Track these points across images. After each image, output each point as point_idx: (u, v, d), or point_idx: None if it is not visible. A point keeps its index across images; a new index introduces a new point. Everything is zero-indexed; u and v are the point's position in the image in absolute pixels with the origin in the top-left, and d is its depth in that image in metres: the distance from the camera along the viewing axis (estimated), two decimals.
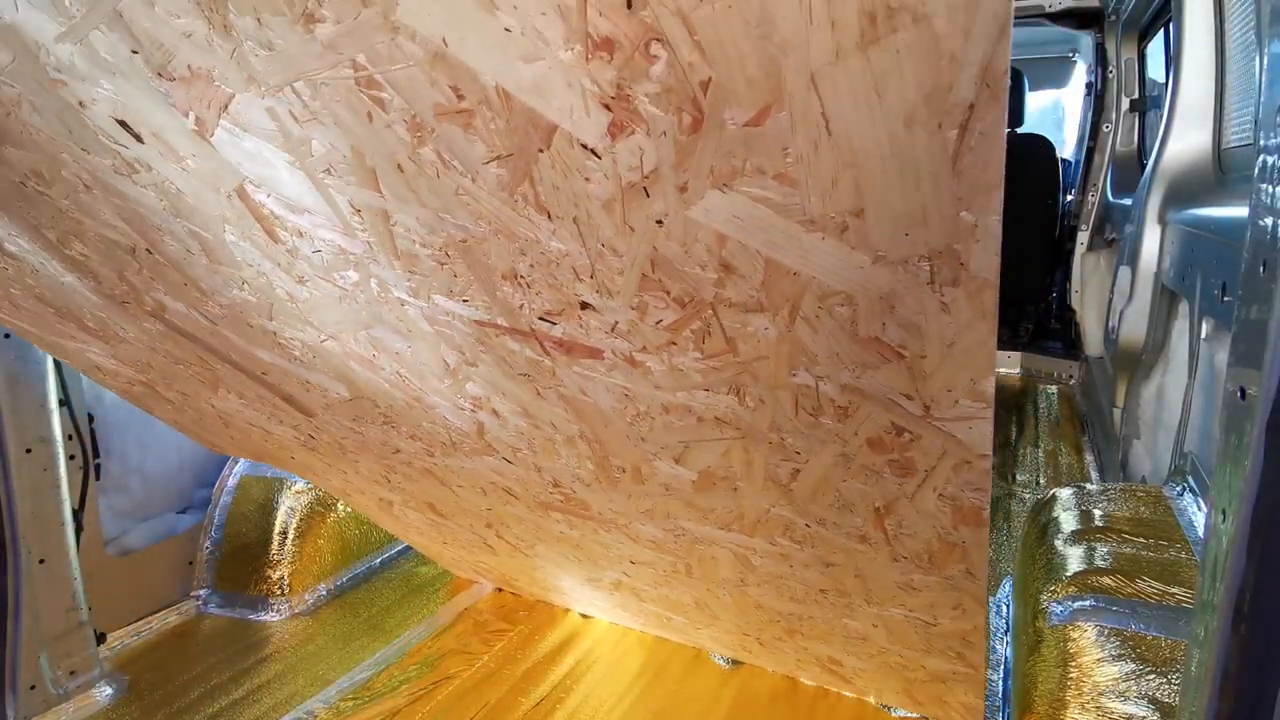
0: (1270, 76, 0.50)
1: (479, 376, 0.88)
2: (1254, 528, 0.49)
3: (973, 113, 0.44)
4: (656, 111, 0.50)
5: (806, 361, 0.68)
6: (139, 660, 1.71)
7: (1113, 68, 3.19)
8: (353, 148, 0.62)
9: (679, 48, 0.46)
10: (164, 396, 1.33)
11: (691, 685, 1.54)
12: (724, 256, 0.60)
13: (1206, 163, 1.93)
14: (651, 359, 0.75)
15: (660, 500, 1.03)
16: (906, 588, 1.00)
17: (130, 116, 0.66)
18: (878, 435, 0.74)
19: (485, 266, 0.70)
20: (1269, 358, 0.47)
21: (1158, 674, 0.98)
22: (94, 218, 0.82)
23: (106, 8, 0.56)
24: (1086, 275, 3.28)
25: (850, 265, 0.57)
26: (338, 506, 2.02)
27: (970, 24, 0.39)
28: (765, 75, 0.45)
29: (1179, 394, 1.65)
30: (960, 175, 0.48)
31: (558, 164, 0.56)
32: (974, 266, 0.54)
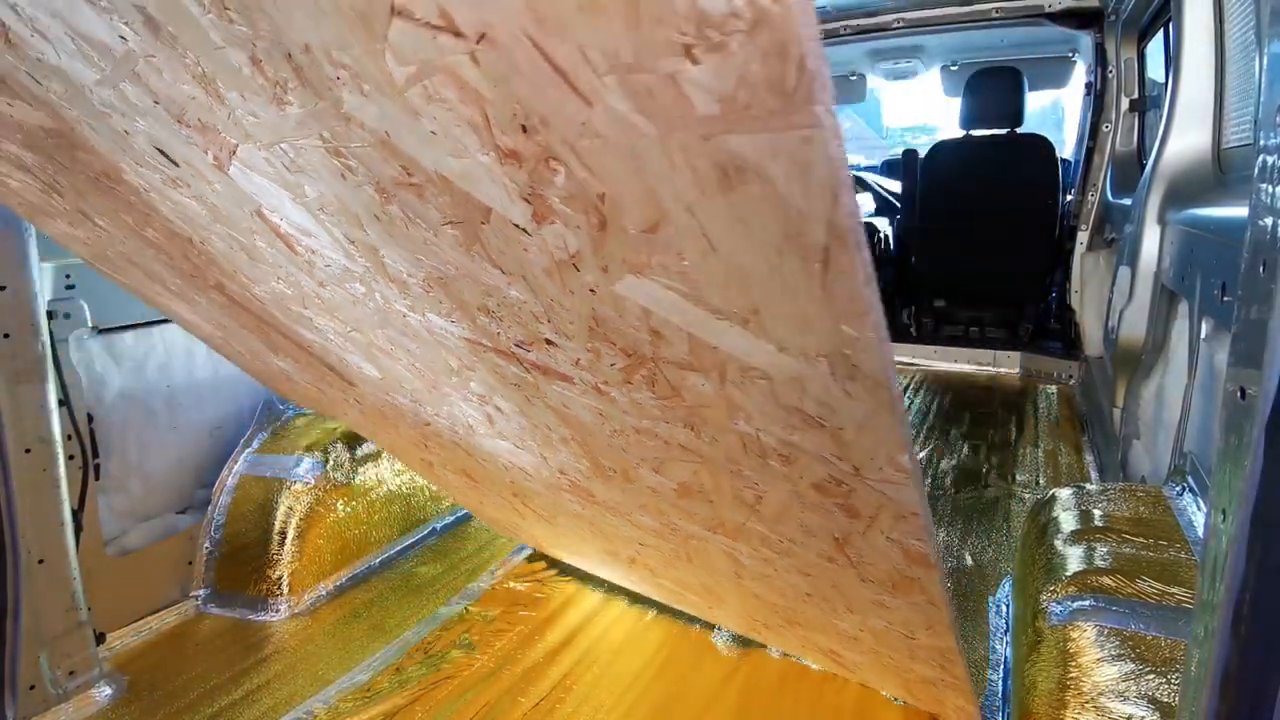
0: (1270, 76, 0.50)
1: (478, 379, 0.95)
2: (1254, 528, 0.49)
3: (828, 254, 0.47)
4: (568, 210, 0.55)
5: (744, 415, 0.73)
6: (139, 660, 1.71)
7: (1112, 68, 3.20)
8: (336, 196, 0.69)
9: (572, 167, 0.51)
10: (238, 350, 1.44)
11: (695, 681, 1.54)
12: (652, 325, 0.65)
13: (1206, 163, 1.93)
14: (614, 391, 0.80)
15: (650, 499, 1.08)
16: (879, 605, 1.02)
17: (165, 146, 0.74)
18: (819, 482, 0.78)
19: (462, 300, 0.76)
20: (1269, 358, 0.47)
21: (1157, 674, 0.98)
22: (156, 212, 0.91)
23: (125, 70, 0.64)
24: (1086, 275, 3.29)
25: (758, 350, 0.61)
26: (338, 506, 2.02)
27: (807, 187, 0.43)
28: (648, 198, 0.50)
29: (1179, 394, 1.65)
30: (830, 298, 0.50)
31: (498, 235, 0.62)
32: (866, 368, 0.56)
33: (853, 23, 3.78)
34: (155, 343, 1.88)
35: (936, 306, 4.29)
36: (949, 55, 4.43)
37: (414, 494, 2.25)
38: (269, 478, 1.99)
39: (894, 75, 4.74)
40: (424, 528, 2.26)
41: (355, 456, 2.11)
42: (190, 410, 1.99)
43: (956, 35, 3.92)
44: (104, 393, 1.78)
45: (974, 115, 3.83)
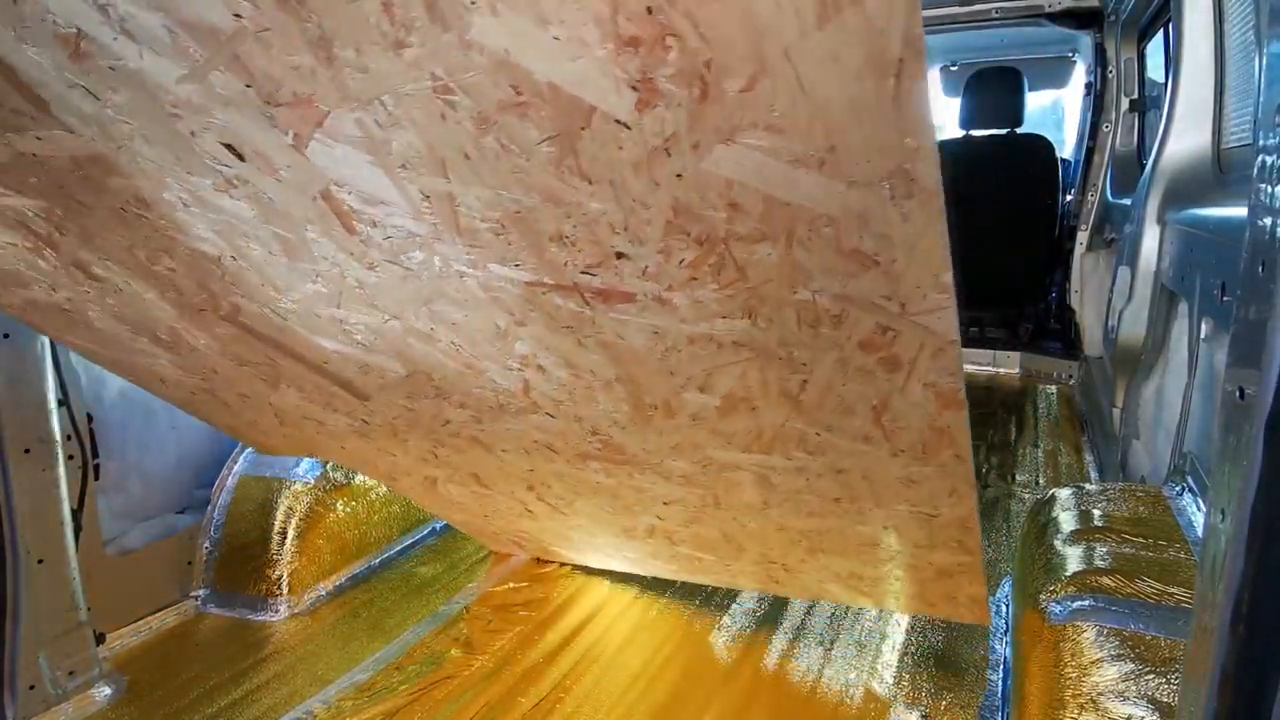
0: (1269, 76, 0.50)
1: (527, 335, 1.04)
2: (1253, 527, 0.49)
3: (902, 66, 0.58)
4: (673, 88, 0.64)
5: (804, 278, 0.83)
6: (138, 660, 1.71)
7: (1112, 68, 3.20)
8: (426, 144, 0.75)
9: (687, 39, 0.60)
10: (223, 401, 1.48)
11: (696, 681, 1.54)
12: (731, 197, 0.74)
13: (1206, 163, 1.93)
14: (677, 295, 0.90)
15: (689, 432, 1.18)
16: (907, 481, 1.15)
17: (236, 139, 0.79)
18: (867, 336, 0.89)
19: (535, 232, 0.84)
20: (1268, 358, 0.47)
21: (1157, 674, 0.98)
22: (187, 234, 0.96)
23: (226, 53, 0.69)
24: (1086, 275, 3.28)
25: (829, 192, 0.71)
26: (337, 506, 2.02)
27: (892, 6, 0.54)
28: (752, 52, 0.60)
29: (1178, 394, 1.65)
30: (900, 111, 0.61)
31: (596, 138, 0.70)
32: (921, 180, 0.68)
33: None
34: None
35: None
36: (949, 55, 4.43)
37: None
38: (269, 477, 1.99)
39: None
40: (424, 528, 2.26)
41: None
42: None
43: (956, 35, 3.92)
44: (103, 392, 1.78)
45: (974, 115, 3.83)
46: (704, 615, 1.79)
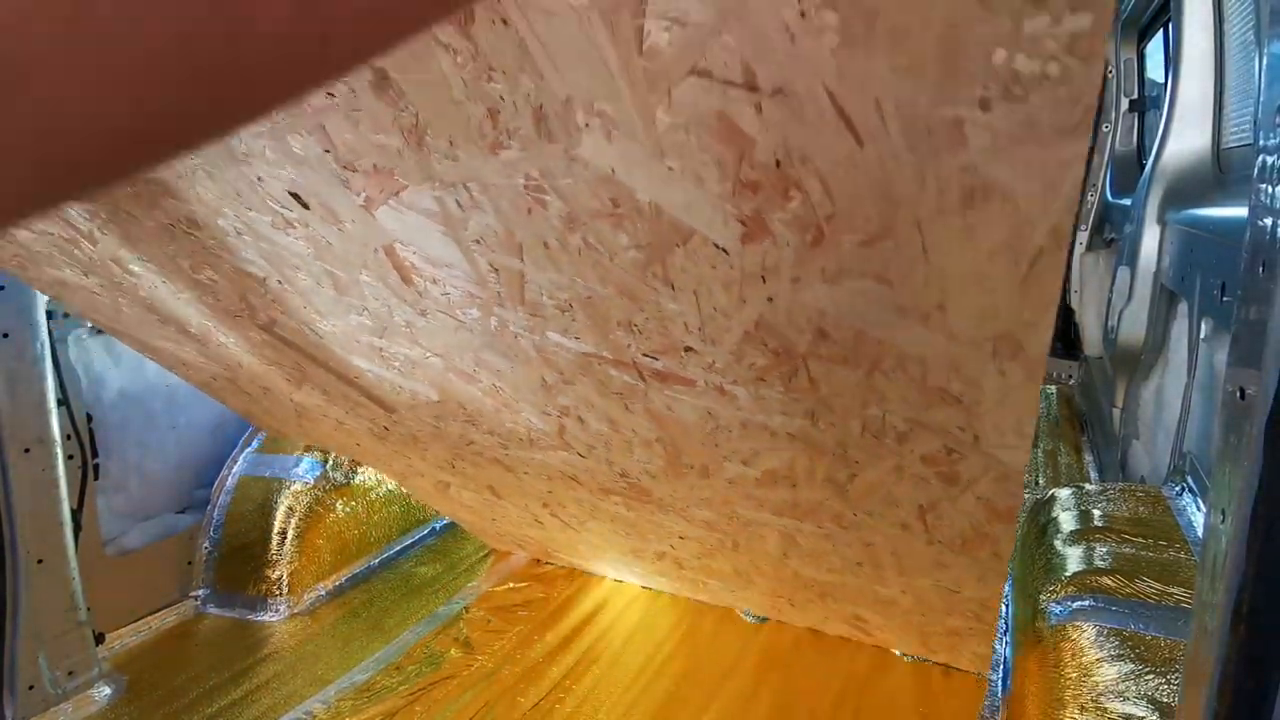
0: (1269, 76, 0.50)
1: (571, 393, 1.03)
2: (1253, 527, 0.49)
3: (1041, 253, 0.56)
4: (786, 232, 0.63)
5: (878, 400, 0.81)
6: (138, 660, 1.70)
7: (1112, 68, 3.19)
8: (506, 228, 0.75)
9: (812, 194, 0.59)
10: (244, 390, 1.49)
11: (693, 680, 1.54)
12: (821, 325, 0.73)
13: (1206, 163, 1.93)
14: (739, 389, 0.88)
15: (721, 491, 1.17)
16: (938, 565, 1.14)
17: (303, 190, 0.79)
18: (932, 453, 0.87)
19: (604, 317, 0.84)
20: (1268, 358, 0.47)
21: (1157, 674, 0.98)
22: (235, 255, 0.95)
23: (312, 122, 0.68)
24: (1086, 275, 3.28)
25: (928, 341, 0.70)
26: (337, 507, 2.02)
27: (1047, 202, 0.52)
28: (881, 216, 0.58)
29: (1178, 394, 1.65)
30: (1025, 292, 0.60)
31: (690, 255, 0.69)
32: (1030, 349, 0.66)
33: None
34: None
35: None
36: None
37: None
38: (268, 478, 1.99)
39: None
40: (423, 528, 2.26)
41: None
42: (189, 410, 1.99)
43: None
44: (103, 393, 1.77)
45: None
46: (704, 615, 1.79)
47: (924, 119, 0.50)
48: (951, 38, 0.45)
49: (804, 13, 0.46)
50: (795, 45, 0.48)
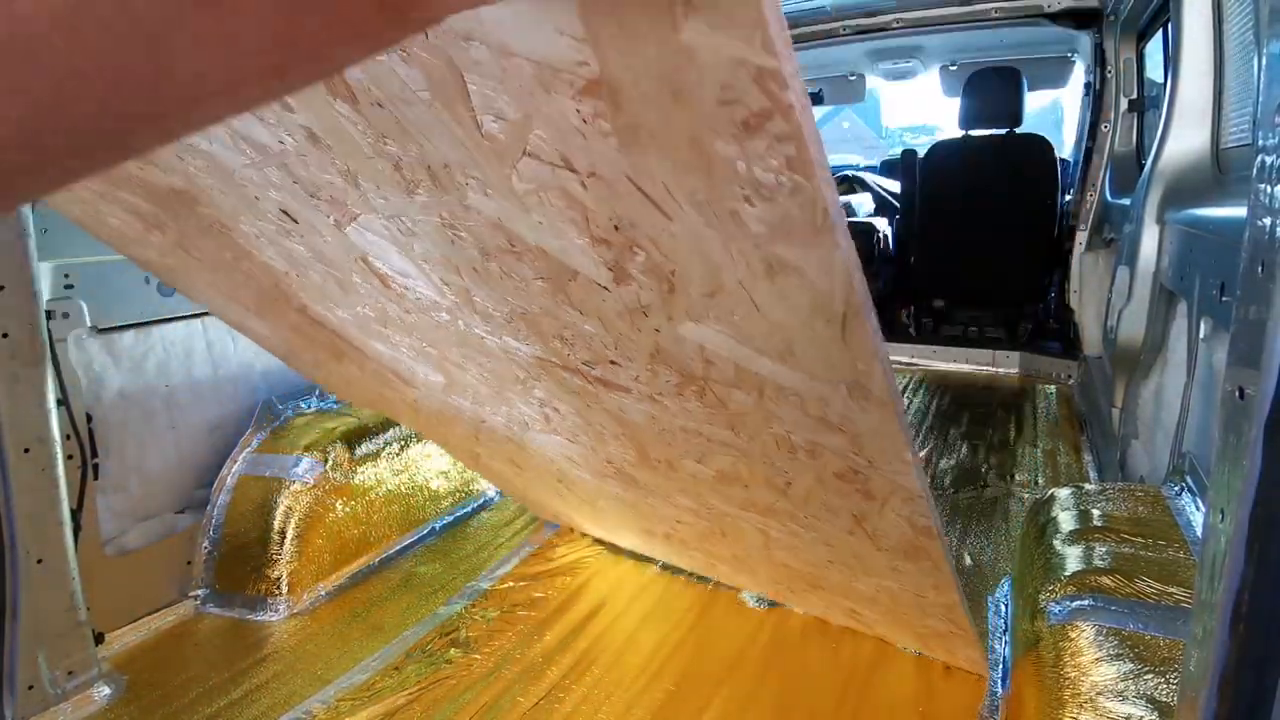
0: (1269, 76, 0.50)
1: (541, 388, 1.13)
2: (1252, 527, 0.49)
3: (845, 320, 0.65)
4: (644, 279, 0.73)
5: (778, 421, 0.90)
6: (137, 660, 1.70)
7: (1111, 68, 3.20)
8: (441, 253, 0.86)
9: (651, 253, 0.68)
10: (304, 360, 1.66)
11: (694, 679, 1.54)
12: (706, 356, 0.83)
13: (1205, 163, 1.93)
14: (667, 400, 0.98)
15: (690, 484, 1.26)
16: (893, 569, 1.21)
17: (291, 209, 0.91)
18: (841, 470, 0.96)
19: (540, 329, 0.94)
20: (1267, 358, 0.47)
21: (1156, 674, 0.98)
22: (261, 252, 1.10)
23: (276, 160, 0.81)
24: (1085, 275, 3.28)
25: (792, 377, 0.79)
26: (337, 506, 2.02)
27: (830, 278, 0.61)
28: (711, 275, 0.68)
29: (1177, 394, 1.65)
30: (849, 347, 0.68)
31: (582, 289, 0.80)
32: (876, 392, 0.75)
33: (852, 23, 3.78)
34: (154, 342, 1.88)
35: (935, 306, 4.29)
36: (948, 55, 4.43)
37: (413, 494, 2.25)
38: (268, 477, 1.99)
39: (893, 75, 4.74)
40: (423, 527, 2.26)
41: (354, 456, 2.11)
42: (189, 410, 1.99)
43: (956, 35, 3.92)
44: (103, 392, 1.77)
45: (973, 115, 3.83)
46: (704, 615, 1.79)
47: (709, 206, 0.58)
48: (700, 150, 0.53)
49: (584, 120, 0.56)
50: (588, 143, 0.58)
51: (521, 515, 2.37)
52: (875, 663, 1.59)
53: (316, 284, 1.12)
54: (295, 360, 1.69)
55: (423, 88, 0.60)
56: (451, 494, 2.37)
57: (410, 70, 0.59)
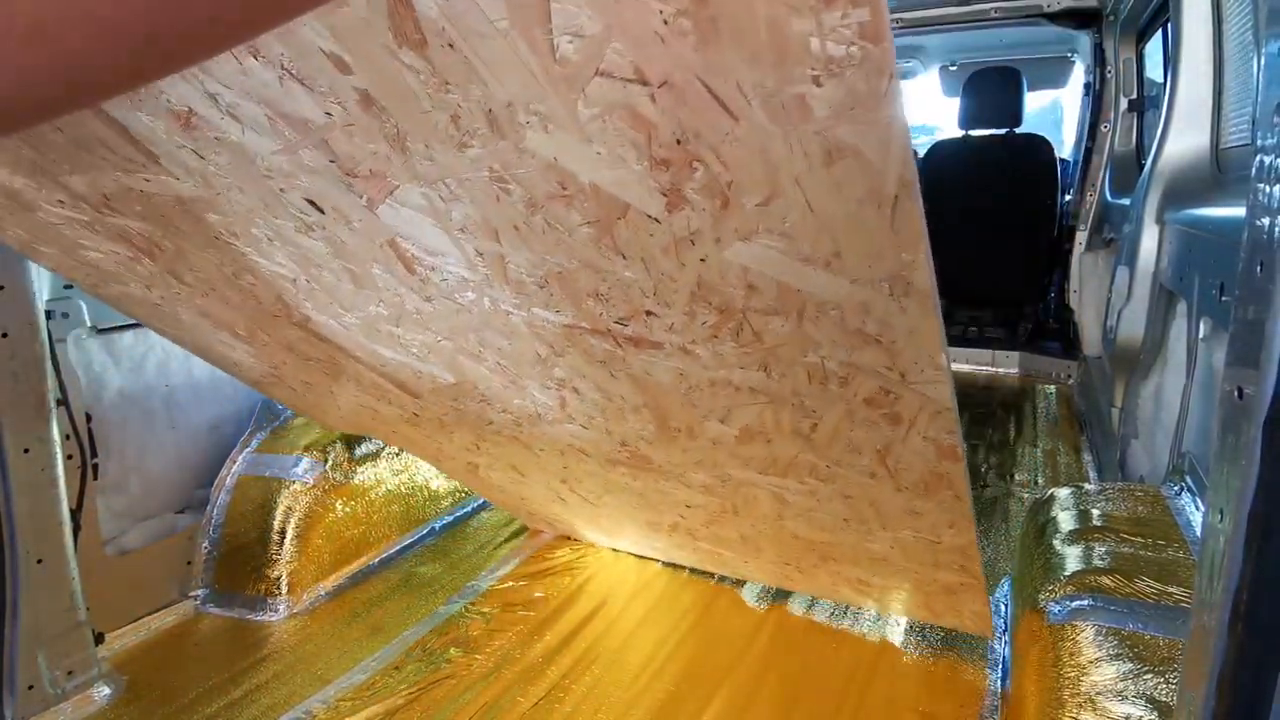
0: (1268, 76, 0.50)
1: (564, 364, 1.15)
2: (1251, 527, 0.49)
3: (897, 201, 0.68)
4: (699, 199, 0.75)
5: (813, 346, 0.93)
6: (137, 660, 1.71)
7: (1111, 68, 3.20)
8: (482, 216, 0.86)
9: (711, 165, 0.71)
10: (289, 386, 1.64)
11: (694, 679, 1.55)
12: (749, 280, 0.85)
13: (1204, 163, 1.93)
14: (700, 348, 1.00)
15: (709, 452, 1.28)
16: (911, 513, 1.24)
17: (318, 197, 0.91)
18: (871, 395, 0.99)
19: (575, 289, 0.95)
20: (1266, 358, 0.47)
21: (1155, 673, 0.98)
22: (269, 259, 1.09)
23: (316, 138, 0.81)
24: (1085, 275, 3.28)
25: (835, 286, 0.82)
26: (337, 506, 2.02)
27: (887, 155, 0.64)
28: (767, 178, 0.70)
29: (1177, 394, 1.66)
30: (896, 233, 0.72)
31: (630, 227, 0.81)
32: (917, 284, 0.78)
33: None
34: (154, 342, 1.88)
35: None
36: (948, 55, 4.43)
37: (413, 494, 2.25)
38: (268, 477, 1.99)
39: None
40: (423, 527, 2.26)
41: (354, 456, 2.11)
42: (189, 409, 1.99)
43: (955, 35, 3.92)
44: (102, 392, 1.77)
45: (973, 115, 3.83)
46: (704, 614, 1.79)
47: (776, 96, 0.62)
48: (777, 32, 0.57)
49: (666, 21, 0.59)
50: (667, 46, 0.60)
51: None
52: (875, 662, 1.59)
53: (327, 285, 1.11)
54: (277, 387, 1.66)
55: (502, 16, 0.62)
56: (451, 494, 2.37)
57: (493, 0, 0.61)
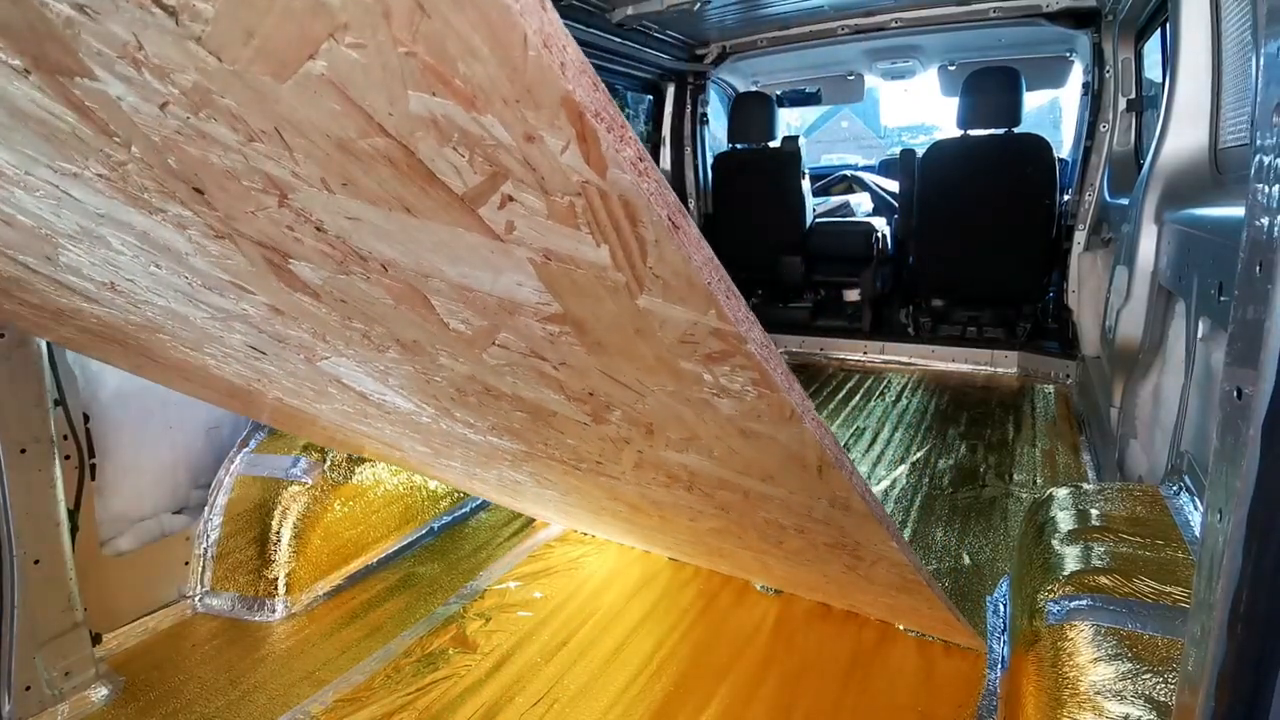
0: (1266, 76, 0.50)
1: (530, 467, 1.22)
2: (1250, 527, 0.49)
3: (821, 467, 0.73)
4: (624, 425, 0.78)
5: (765, 512, 0.96)
6: (135, 661, 1.70)
7: (1109, 68, 3.20)
8: (418, 387, 0.90)
9: (628, 412, 0.73)
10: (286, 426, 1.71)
11: (692, 679, 1.54)
12: (690, 470, 0.88)
13: (1203, 163, 1.93)
14: (656, 489, 1.04)
15: (688, 530, 1.36)
16: (888, 595, 1.31)
17: (258, 345, 0.95)
18: (830, 543, 1.03)
19: (525, 437, 0.98)
20: (1265, 358, 0.47)
21: (1154, 673, 0.98)
22: (224, 369, 1.13)
23: (240, 321, 0.84)
24: (1083, 275, 3.28)
25: (775, 492, 0.85)
26: (335, 506, 2.02)
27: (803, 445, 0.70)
28: (686, 431, 0.73)
29: (1175, 394, 1.66)
30: (826, 483, 0.76)
31: (564, 421, 0.84)
32: (855, 507, 0.81)
33: (850, 22, 3.78)
34: None
35: (934, 306, 4.30)
36: (947, 55, 4.43)
37: (412, 494, 2.25)
38: (266, 477, 1.98)
39: (891, 75, 4.74)
40: (422, 528, 2.26)
41: (352, 456, 2.10)
42: (186, 410, 1.99)
43: (954, 35, 3.92)
44: (100, 392, 1.77)
45: (971, 115, 3.83)
46: (702, 615, 1.79)
47: (680, 394, 0.65)
48: (667, 365, 0.59)
49: (551, 336, 0.61)
50: (557, 347, 0.62)
51: (520, 516, 2.37)
52: (875, 662, 1.59)
53: (290, 389, 1.15)
54: (277, 423, 1.73)
55: (387, 299, 0.65)
56: (450, 494, 2.37)
57: (371, 287, 0.63)
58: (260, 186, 0.53)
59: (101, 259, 0.77)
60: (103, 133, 0.52)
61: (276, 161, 0.49)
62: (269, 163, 0.49)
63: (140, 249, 0.71)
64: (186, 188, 0.56)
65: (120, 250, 0.73)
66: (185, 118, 0.47)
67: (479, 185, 0.45)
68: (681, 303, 0.50)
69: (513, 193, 0.45)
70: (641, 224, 0.45)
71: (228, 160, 0.50)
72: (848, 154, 9.73)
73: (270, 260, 0.64)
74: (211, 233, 0.62)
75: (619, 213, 0.44)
